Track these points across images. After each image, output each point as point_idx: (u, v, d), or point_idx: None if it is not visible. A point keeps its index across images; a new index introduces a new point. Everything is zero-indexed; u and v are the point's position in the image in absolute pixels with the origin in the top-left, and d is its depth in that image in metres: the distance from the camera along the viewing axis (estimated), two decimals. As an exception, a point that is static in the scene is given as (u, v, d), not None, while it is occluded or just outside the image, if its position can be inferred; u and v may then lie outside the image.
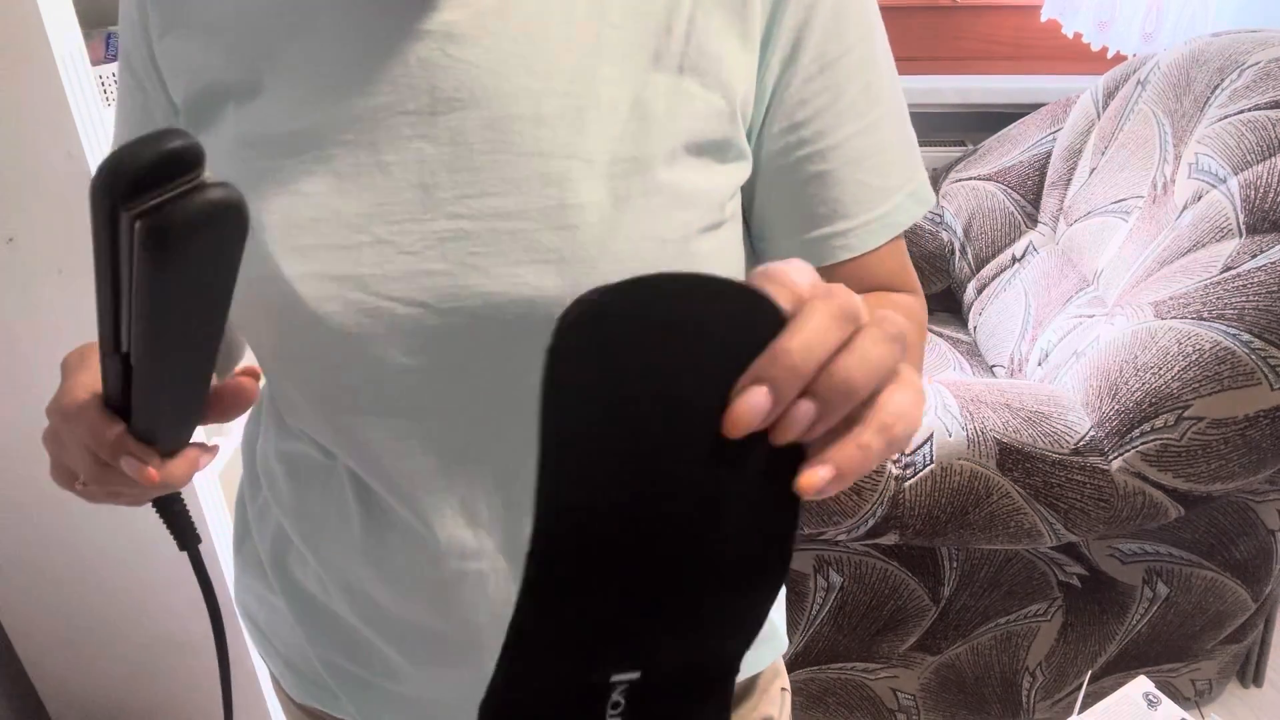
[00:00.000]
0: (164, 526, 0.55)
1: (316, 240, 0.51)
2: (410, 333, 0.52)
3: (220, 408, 0.49)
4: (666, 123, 0.51)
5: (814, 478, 0.30)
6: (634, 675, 0.34)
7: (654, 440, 0.30)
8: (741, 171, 0.55)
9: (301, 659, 0.69)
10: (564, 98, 0.50)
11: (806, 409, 0.30)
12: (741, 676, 0.70)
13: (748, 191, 0.57)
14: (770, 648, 0.72)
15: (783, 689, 0.77)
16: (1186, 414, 1.21)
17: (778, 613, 0.74)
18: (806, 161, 0.55)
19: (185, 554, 0.56)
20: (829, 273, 0.58)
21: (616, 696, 0.34)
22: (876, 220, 0.57)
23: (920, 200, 0.58)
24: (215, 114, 0.55)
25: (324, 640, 0.66)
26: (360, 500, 0.60)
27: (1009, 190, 1.97)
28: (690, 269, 0.29)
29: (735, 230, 0.56)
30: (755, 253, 0.61)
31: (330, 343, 0.53)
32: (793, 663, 1.50)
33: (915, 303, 0.63)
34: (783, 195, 0.56)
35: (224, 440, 1.31)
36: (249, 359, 0.68)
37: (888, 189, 0.57)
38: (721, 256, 0.55)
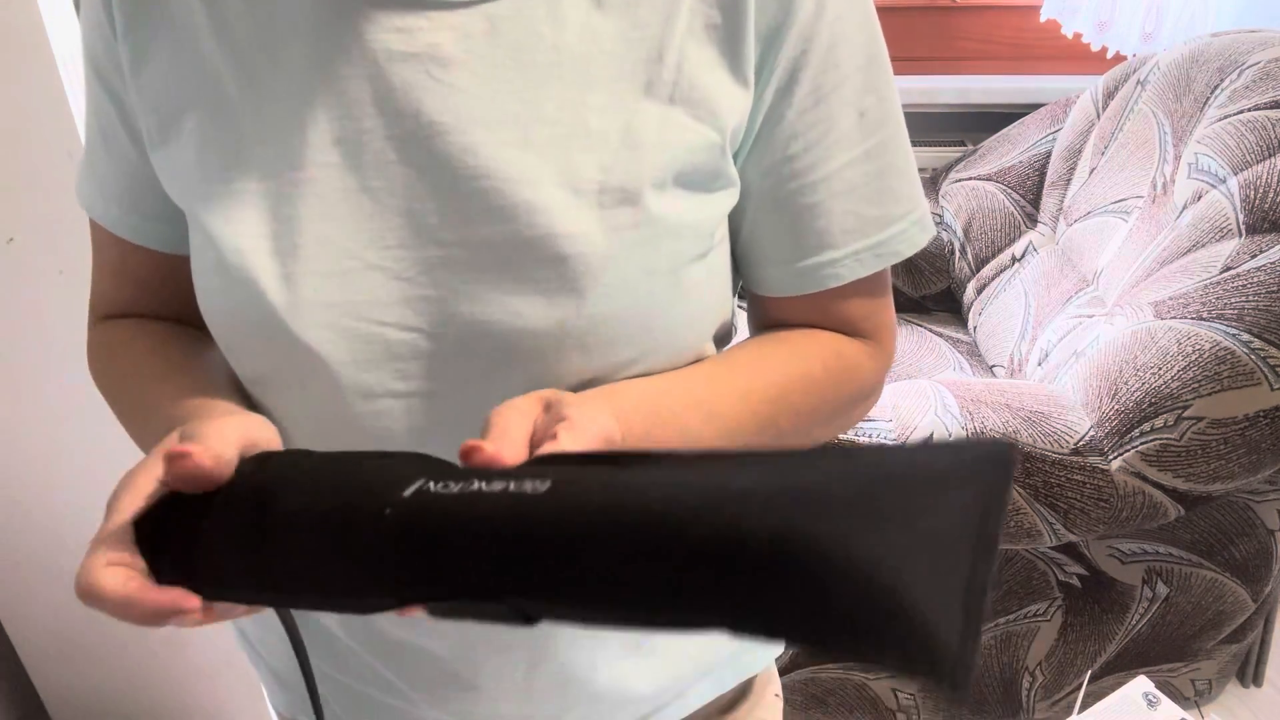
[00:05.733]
0: None
1: (304, 267, 0.49)
2: (405, 358, 0.51)
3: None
4: (657, 153, 0.50)
5: None
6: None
7: None
8: (730, 199, 0.54)
9: (287, 669, 0.68)
10: (553, 125, 0.49)
11: None
12: (738, 679, 0.70)
13: (734, 217, 0.56)
14: (768, 649, 0.71)
15: (775, 694, 0.76)
16: (1186, 414, 1.21)
17: None
18: (796, 194, 0.54)
19: None
20: (807, 300, 0.57)
21: None
22: (868, 249, 0.55)
23: (921, 228, 0.57)
24: (178, 125, 0.52)
25: (314, 650, 0.64)
26: None
27: (1009, 190, 1.97)
28: (680, 298, 0.29)
29: (724, 254, 0.55)
30: (742, 275, 0.59)
31: (319, 371, 0.51)
32: (793, 663, 1.50)
33: (850, 361, 0.59)
34: (771, 224, 0.56)
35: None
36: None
37: (884, 218, 0.55)
38: (710, 283, 0.54)
